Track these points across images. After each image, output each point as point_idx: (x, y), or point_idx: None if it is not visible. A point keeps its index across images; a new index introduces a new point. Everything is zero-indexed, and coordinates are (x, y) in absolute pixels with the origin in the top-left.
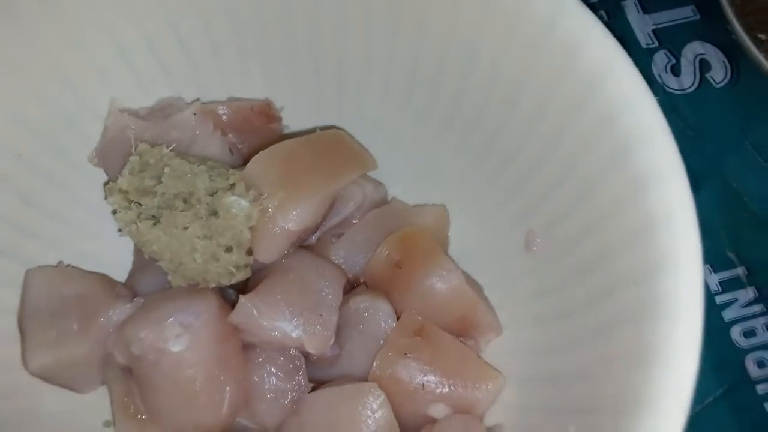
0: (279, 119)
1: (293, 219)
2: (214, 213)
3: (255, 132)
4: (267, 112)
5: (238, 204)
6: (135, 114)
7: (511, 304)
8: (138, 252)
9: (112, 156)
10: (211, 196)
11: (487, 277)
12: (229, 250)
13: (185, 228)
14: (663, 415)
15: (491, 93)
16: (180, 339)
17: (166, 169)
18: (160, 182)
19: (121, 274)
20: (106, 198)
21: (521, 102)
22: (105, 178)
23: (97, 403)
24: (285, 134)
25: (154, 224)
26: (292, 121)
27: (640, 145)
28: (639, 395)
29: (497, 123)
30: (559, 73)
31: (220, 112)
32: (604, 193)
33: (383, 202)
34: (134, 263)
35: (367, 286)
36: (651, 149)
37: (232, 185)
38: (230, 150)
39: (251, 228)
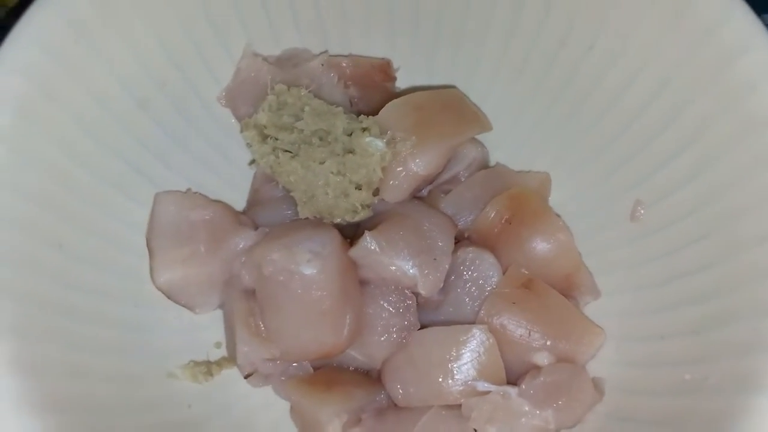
0: (394, 79)
1: (422, 163)
2: (350, 151)
3: (373, 88)
4: (386, 71)
5: (374, 144)
6: (265, 60)
7: (610, 271)
8: (254, 190)
9: (242, 96)
10: (348, 135)
11: (587, 245)
12: (359, 187)
13: (322, 162)
14: None
15: (612, 68)
16: (311, 263)
17: (307, 108)
18: (297, 120)
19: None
20: (241, 132)
21: (643, 78)
22: (228, 119)
23: (210, 325)
24: (398, 93)
25: (293, 157)
26: (404, 83)
27: None
28: None
29: (614, 97)
30: (690, 49)
31: (344, 65)
32: (730, 163)
33: (486, 165)
34: (250, 199)
35: (471, 242)
36: None
37: (366, 128)
38: (350, 102)
39: (382, 168)
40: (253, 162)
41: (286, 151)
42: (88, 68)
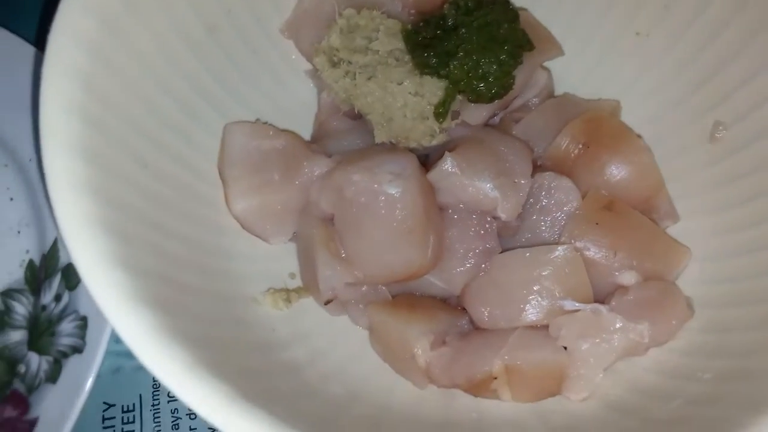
0: None
1: None
2: None
3: (433, 13)
4: None
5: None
6: None
7: (690, 194)
8: (320, 122)
9: (305, 26)
10: None
11: (664, 170)
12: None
13: (400, 83)
14: None
15: None
16: (393, 183)
17: (382, 27)
18: (371, 42)
19: None
20: (314, 58)
21: None
22: (290, 52)
23: (282, 256)
24: None
25: (369, 78)
26: None
27: None
28: None
29: (693, 12)
30: None
31: None
32: None
33: (553, 93)
34: (315, 132)
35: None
36: None
37: None
38: None
39: None
40: (322, 91)
41: (359, 74)
42: None
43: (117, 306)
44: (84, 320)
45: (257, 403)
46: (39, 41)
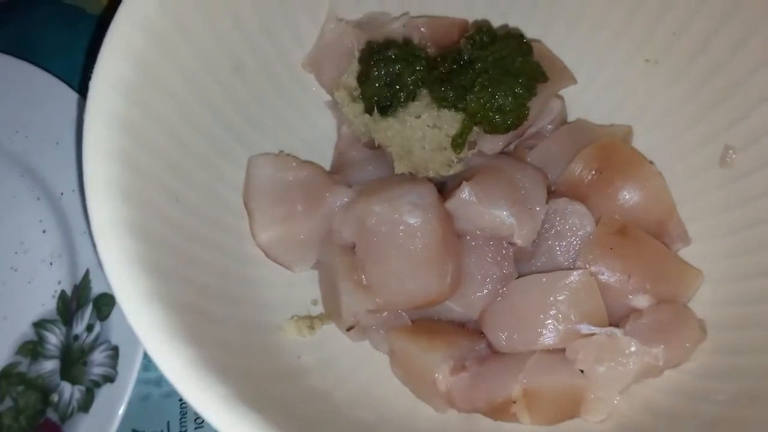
0: None
1: None
2: None
3: (449, 48)
4: (464, 31)
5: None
6: (348, 23)
7: (701, 217)
8: (339, 153)
9: (326, 60)
10: None
11: (675, 193)
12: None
13: (418, 117)
14: None
15: (701, 10)
16: (413, 213)
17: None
18: None
19: None
20: (335, 93)
21: (732, 22)
22: (311, 86)
23: (304, 283)
24: None
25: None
26: None
27: None
28: None
29: (702, 40)
30: None
31: (423, 27)
32: None
33: (566, 120)
34: (334, 163)
35: (559, 194)
36: None
37: None
38: None
39: None
40: (342, 122)
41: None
42: (194, 26)
43: (160, 344)
44: (115, 350)
45: None
46: (82, 88)
